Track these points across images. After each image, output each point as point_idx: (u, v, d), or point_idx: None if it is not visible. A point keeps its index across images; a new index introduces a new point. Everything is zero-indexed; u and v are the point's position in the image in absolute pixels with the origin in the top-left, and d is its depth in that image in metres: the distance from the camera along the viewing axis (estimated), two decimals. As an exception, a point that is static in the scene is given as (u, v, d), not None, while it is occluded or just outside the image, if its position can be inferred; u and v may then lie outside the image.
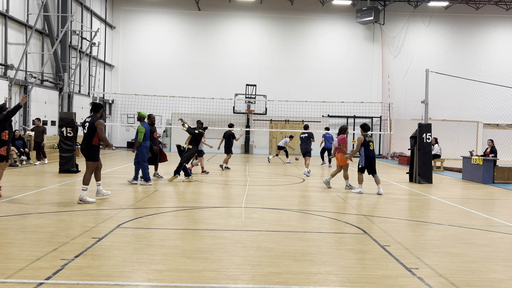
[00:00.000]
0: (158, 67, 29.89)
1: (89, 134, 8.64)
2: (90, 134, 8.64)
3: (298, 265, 5.03)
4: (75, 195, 9.50)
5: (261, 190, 11.15)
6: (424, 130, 14.14)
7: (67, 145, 13.73)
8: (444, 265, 5.22)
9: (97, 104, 8.89)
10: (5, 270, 4.55)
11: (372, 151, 11.25)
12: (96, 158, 8.75)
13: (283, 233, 6.59)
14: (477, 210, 9.24)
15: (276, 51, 30.47)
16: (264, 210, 8.47)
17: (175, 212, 8.03)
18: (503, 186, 13.71)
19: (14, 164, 15.43)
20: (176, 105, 26.84)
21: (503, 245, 6.31)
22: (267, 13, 30.32)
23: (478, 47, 28.52)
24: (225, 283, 4.41)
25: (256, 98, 28.03)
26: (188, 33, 30.23)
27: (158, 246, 5.65)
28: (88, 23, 26.08)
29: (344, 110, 28.52)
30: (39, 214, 7.47)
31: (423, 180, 13.91)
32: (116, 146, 29.70)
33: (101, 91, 28.06)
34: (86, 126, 8.71)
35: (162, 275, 4.56)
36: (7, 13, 18.13)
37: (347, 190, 11.62)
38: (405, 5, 30.23)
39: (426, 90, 15.12)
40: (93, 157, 8.70)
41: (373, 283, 4.52)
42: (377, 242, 6.18)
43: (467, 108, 25.69)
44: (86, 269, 4.64)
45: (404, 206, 9.63)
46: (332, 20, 30.60)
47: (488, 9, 29.31)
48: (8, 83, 17.98)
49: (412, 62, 26.38)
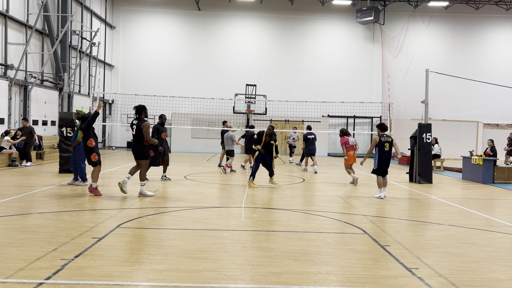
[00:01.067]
0: (158, 67, 29.89)
1: (138, 135, 9.37)
2: (139, 135, 9.36)
3: (298, 265, 5.03)
4: (75, 195, 9.50)
5: (261, 190, 11.15)
6: (424, 130, 14.14)
7: (67, 145, 13.72)
8: (444, 265, 5.22)
9: (139, 107, 9.57)
10: (5, 270, 4.55)
11: (387, 152, 10.57)
12: (148, 156, 9.63)
13: (283, 233, 6.60)
14: (477, 210, 9.24)
15: (276, 51, 30.47)
16: (264, 210, 8.47)
17: (175, 212, 8.03)
18: (503, 186, 13.71)
19: (14, 164, 15.44)
20: (176, 105, 26.83)
21: (503, 245, 6.31)
22: (267, 13, 30.32)
23: (478, 47, 28.50)
24: (225, 283, 4.41)
25: (256, 98, 28.02)
26: (188, 33, 30.23)
27: (158, 246, 5.65)
28: (88, 23, 26.08)
29: (344, 110, 28.52)
30: (39, 214, 7.47)
31: (423, 180, 13.91)
32: (116, 146, 29.72)
33: (101, 91, 28.06)
34: (134, 129, 9.43)
35: (162, 275, 4.56)
36: (7, 13, 18.12)
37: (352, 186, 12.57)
38: (405, 5, 30.23)
39: (426, 90, 15.12)
40: (146, 156, 9.55)
41: (373, 283, 4.53)
42: (377, 242, 6.18)
43: (467, 108, 25.67)
44: (86, 269, 4.64)
45: (404, 206, 9.62)
46: (332, 20, 30.60)
47: (488, 9, 29.30)
48: (8, 83, 17.98)
49: (412, 62, 26.35)
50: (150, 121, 28.89)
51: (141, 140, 9.36)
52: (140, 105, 9.60)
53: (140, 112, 9.53)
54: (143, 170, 9.59)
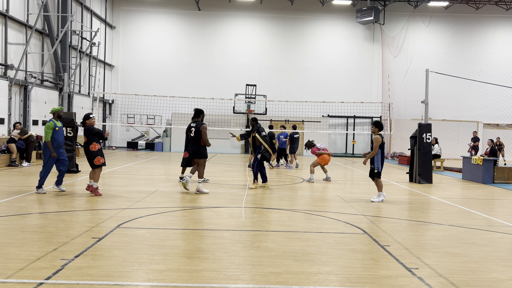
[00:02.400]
0: (158, 67, 29.89)
1: (197, 137, 10.06)
2: (198, 136, 10.05)
3: (298, 265, 5.03)
4: (75, 195, 9.50)
5: (261, 190, 11.15)
6: (424, 130, 14.14)
7: (67, 145, 13.70)
8: (444, 265, 5.22)
9: (198, 110, 10.33)
10: (5, 270, 4.55)
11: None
12: (206, 155, 10.25)
13: (283, 233, 6.59)
14: (477, 210, 9.24)
15: (276, 51, 30.47)
16: (264, 210, 8.48)
17: (175, 212, 8.03)
18: (503, 186, 13.71)
19: (14, 164, 15.44)
20: (176, 105, 26.83)
21: (503, 245, 6.31)
22: (267, 13, 30.31)
23: (478, 47, 28.49)
24: (225, 283, 4.41)
25: (256, 98, 28.02)
26: (188, 33, 30.23)
27: (158, 246, 5.65)
28: (88, 23, 26.08)
29: (344, 110, 28.52)
30: (39, 214, 7.47)
31: (423, 180, 13.91)
32: (116, 146, 29.72)
33: (101, 91, 28.06)
34: (193, 131, 10.10)
35: (162, 275, 4.56)
36: (7, 13, 18.11)
37: (310, 183, 12.94)
38: (405, 5, 30.23)
39: (426, 90, 15.12)
40: (204, 155, 10.22)
41: (373, 283, 4.52)
42: (377, 242, 6.18)
43: (467, 108, 25.66)
44: (86, 269, 4.64)
45: (404, 206, 9.62)
46: (332, 20, 30.60)
47: (488, 9, 29.30)
48: (8, 83, 17.97)
49: (412, 62, 26.36)
50: (150, 121, 28.92)
51: (199, 141, 10.07)
52: (198, 109, 10.34)
53: (198, 115, 10.30)
54: (202, 169, 10.30)
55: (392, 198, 10.64)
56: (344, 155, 28.79)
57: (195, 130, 10.07)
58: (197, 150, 10.14)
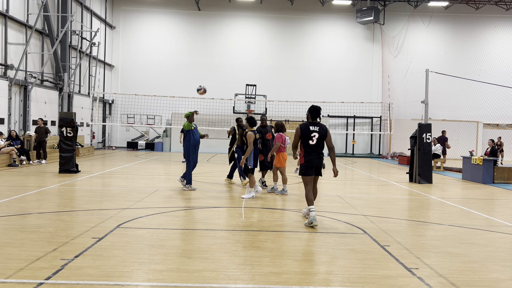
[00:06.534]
0: (158, 67, 29.89)
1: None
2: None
3: (298, 265, 5.03)
4: (75, 195, 9.50)
5: (262, 192, 11.12)
6: (424, 130, 14.14)
7: (67, 145, 13.73)
8: (444, 265, 5.22)
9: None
10: (5, 270, 4.55)
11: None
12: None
13: (283, 233, 6.59)
14: (477, 210, 9.24)
15: (276, 51, 30.47)
16: (264, 210, 8.47)
17: (175, 212, 8.03)
18: (503, 186, 13.71)
19: (14, 164, 15.43)
20: (176, 105, 26.84)
21: (503, 245, 6.31)
22: (267, 13, 30.32)
23: (478, 47, 28.49)
24: (225, 283, 4.41)
25: (256, 98, 28.02)
26: (188, 33, 30.23)
27: (158, 246, 5.65)
28: (88, 23, 26.08)
29: (344, 110, 28.53)
30: (39, 214, 7.47)
31: (423, 180, 13.91)
32: (116, 146, 29.72)
33: (101, 91, 28.06)
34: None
35: (162, 275, 4.56)
36: (7, 13, 18.12)
37: (281, 195, 10.43)
38: (405, 5, 30.23)
39: (426, 90, 15.12)
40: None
41: (373, 283, 4.52)
42: (377, 242, 6.18)
43: (467, 108, 25.67)
44: (86, 269, 4.64)
45: (404, 206, 9.62)
46: (332, 20, 30.60)
47: (488, 9, 29.30)
48: (8, 83, 17.98)
49: (412, 62, 26.36)
50: (150, 121, 28.92)
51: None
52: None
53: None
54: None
55: (392, 198, 10.64)
56: (344, 155, 28.80)
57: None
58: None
